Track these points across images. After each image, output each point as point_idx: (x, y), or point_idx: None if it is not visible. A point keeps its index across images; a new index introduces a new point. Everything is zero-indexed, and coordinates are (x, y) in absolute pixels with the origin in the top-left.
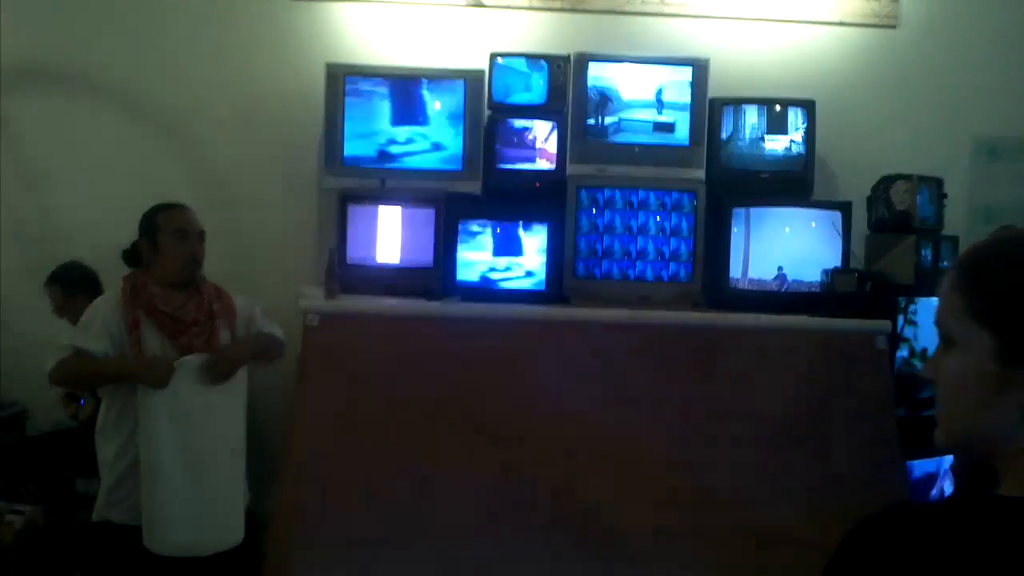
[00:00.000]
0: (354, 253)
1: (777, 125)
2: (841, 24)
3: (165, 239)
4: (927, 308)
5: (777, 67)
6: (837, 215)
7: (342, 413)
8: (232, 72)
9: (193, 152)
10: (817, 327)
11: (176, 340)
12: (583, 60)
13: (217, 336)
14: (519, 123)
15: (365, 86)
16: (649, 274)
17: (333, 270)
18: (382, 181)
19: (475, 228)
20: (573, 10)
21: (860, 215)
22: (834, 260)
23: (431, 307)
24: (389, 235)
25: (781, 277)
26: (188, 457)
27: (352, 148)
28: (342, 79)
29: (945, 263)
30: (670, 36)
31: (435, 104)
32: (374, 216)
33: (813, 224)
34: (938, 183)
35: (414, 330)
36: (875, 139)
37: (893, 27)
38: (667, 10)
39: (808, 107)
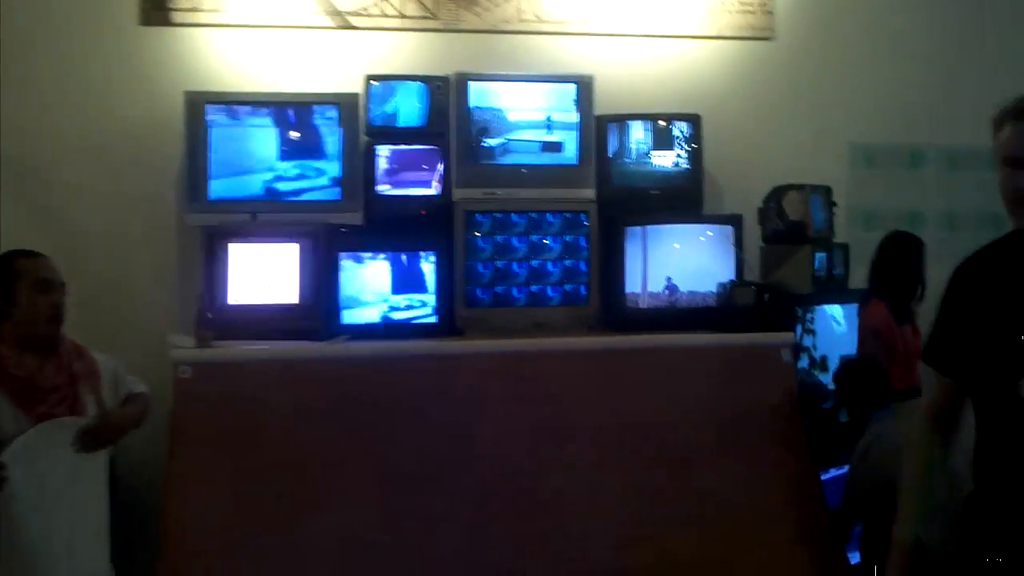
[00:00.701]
0: (227, 295)
1: (663, 141)
2: (719, 38)
3: (24, 291)
4: (823, 317)
5: (658, 83)
6: (728, 229)
7: (224, 473)
8: (82, 104)
9: (36, 188)
10: (720, 343)
11: (32, 411)
12: (463, 80)
13: (82, 403)
14: (400, 148)
15: (234, 115)
16: (544, 299)
17: (204, 315)
18: (253, 215)
19: (360, 260)
20: (448, 30)
21: (750, 227)
22: (728, 274)
23: (314, 349)
24: (262, 273)
25: (671, 288)
26: (47, 541)
27: (221, 183)
28: (202, 108)
29: (838, 271)
30: (549, 54)
31: (306, 131)
32: (245, 254)
33: (704, 239)
34: (827, 191)
35: (297, 375)
36: (757, 150)
37: (769, 39)
38: (545, 28)
39: (693, 121)
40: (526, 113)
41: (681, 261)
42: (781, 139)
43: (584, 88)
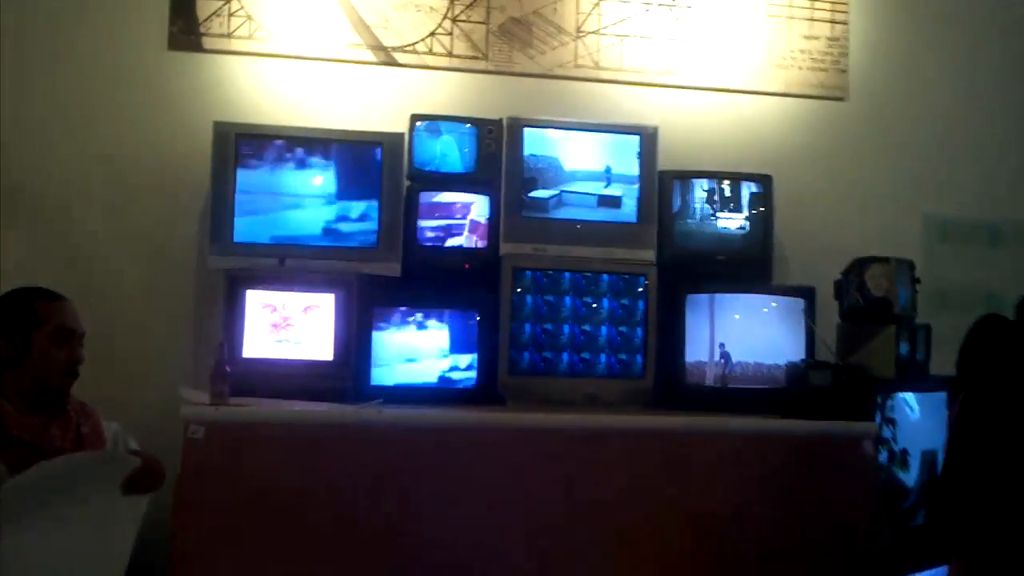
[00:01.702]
0: (248, 347)
1: (731, 202)
2: (787, 95)
3: (41, 339)
4: (904, 405)
5: (721, 139)
6: (799, 302)
7: (234, 547)
8: (105, 132)
9: (51, 221)
10: (792, 430)
11: None
12: (517, 125)
13: None
14: (445, 196)
15: (266, 150)
16: (595, 369)
17: (222, 368)
18: (281, 260)
19: (397, 316)
20: (499, 72)
21: (822, 301)
22: (796, 352)
23: (344, 413)
24: (289, 325)
25: (726, 356)
26: None
27: (247, 224)
28: (232, 140)
29: (920, 354)
30: (605, 104)
31: (346, 172)
32: (270, 303)
33: (770, 311)
34: (910, 266)
35: (323, 442)
36: (825, 217)
37: (841, 99)
38: (603, 75)
39: (764, 182)
40: (584, 163)
41: (745, 334)
42: (852, 207)
43: (648, 140)
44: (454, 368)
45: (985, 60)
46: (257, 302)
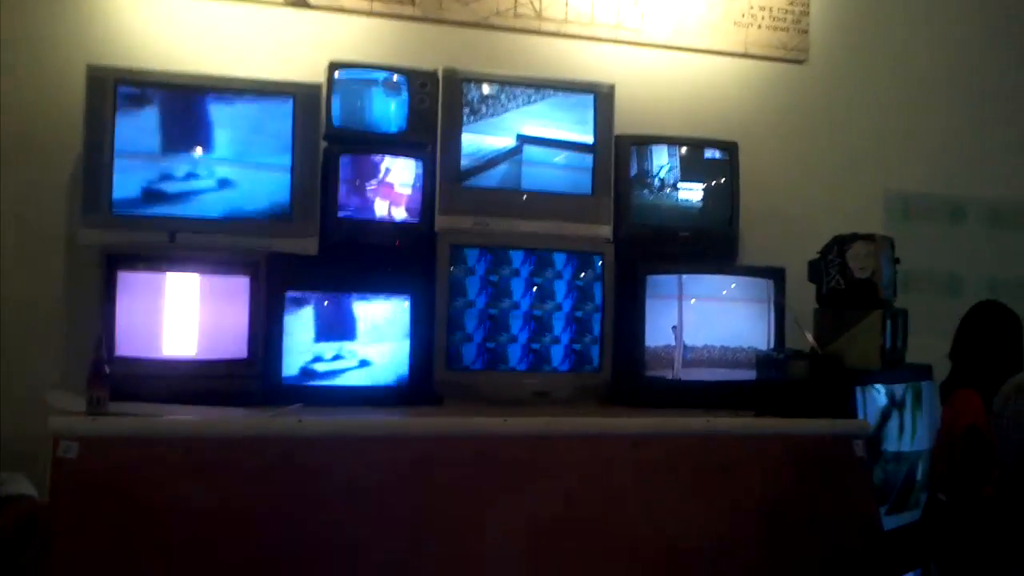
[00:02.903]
0: (132, 341)
1: (694, 170)
2: (747, 56)
3: None
4: (884, 398)
5: (673, 102)
6: (767, 283)
7: None
8: None
9: None
10: (771, 430)
11: None
12: (455, 78)
13: None
14: (369, 160)
15: (153, 99)
16: (548, 362)
17: (101, 369)
18: (171, 235)
19: (307, 302)
20: (427, 19)
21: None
22: (762, 339)
23: (247, 423)
24: (182, 315)
25: (679, 339)
26: None
27: (126, 186)
28: (111, 87)
29: (899, 343)
30: (548, 59)
31: (249, 128)
32: (159, 287)
33: (733, 295)
34: (891, 244)
35: (224, 458)
36: (785, 190)
37: (801, 62)
38: (546, 27)
39: (730, 150)
40: (531, 127)
41: (709, 320)
42: (813, 179)
43: (603, 100)
44: (382, 362)
45: (954, 24)
46: (142, 286)
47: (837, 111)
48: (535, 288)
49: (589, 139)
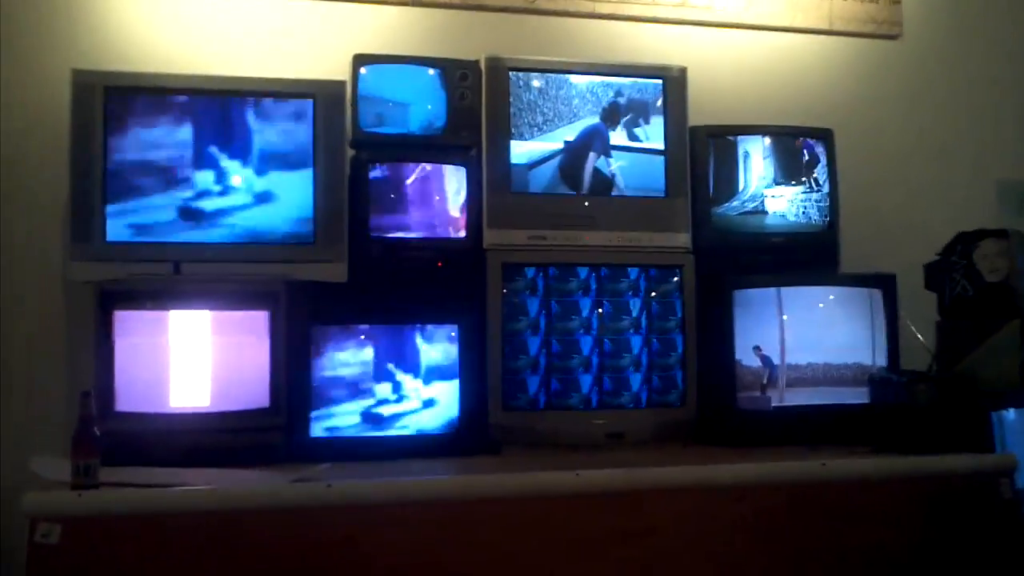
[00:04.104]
0: (131, 393)
1: (786, 165)
2: (831, 32)
3: None
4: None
5: (748, 88)
6: (874, 293)
7: None
8: None
9: None
10: (900, 471)
11: None
12: (501, 68)
13: None
14: (404, 168)
15: (151, 108)
16: (623, 397)
17: (89, 431)
18: (175, 266)
19: (337, 338)
20: (466, 7)
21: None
22: (866, 355)
23: (270, 491)
24: (191, 359)
25: (765, 360)
26: None
27: (125, 214)
28: (100, 94)
29: None
30: (606, 46)
31: (264, 136)
32: (163, 328)
33: (831, 307)
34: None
35: (241, 533)
36: (882, 183)
37: (895, 37)
38: (601, 10)
39: (825, 139)
40: (591, 119)
41: (808, 339)
42: (914, 169)
43: (674, 86)
44: (428, 404)
45: None
46: (143, 327)
47: (938, 91)
48: (603, 311)
49: (659, 130)
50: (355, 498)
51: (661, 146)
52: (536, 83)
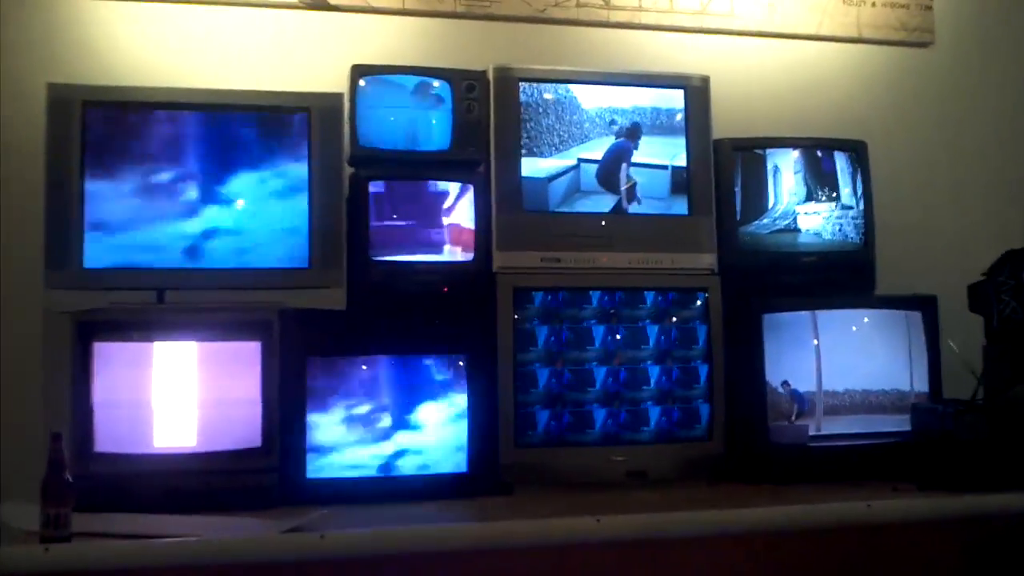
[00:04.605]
0: (110, 434)
1: (816, 178)
2: (859, 41)
3: None
4: None
5: (776, 99)
6: (913, 316)
7: None
8: None
9: None
10: (951, 512)
11: None
12: (510, 79)
13: None
14: (407, 187)
15: (133, 124)
16: (643, 431)
17: (60, 477)
18: (159, 294)
19: (335, 370)
20: (472, 16)
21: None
22: (903, 382)
23: (259, 542)
24: (177, 395)
25: (795, 394)
26: None
27: (100, 234)
28: (78, 109)
29: None
30: (621, 56)
31: (255, 153)
32: (146, 361)
33: (876, 332)
34: None
35: None
36: (916, 199)
37: (926, 44)
38: (616, 18)
39: (858, 151)
40: (607, 132)
41: (843, 366)
42: (949, 183)
43: (695, 97)
44: (434, 442)
45: None
46: (124, 360)
47: (975, 100)
48: (622, 338)
49: (680, 143)
50: (352, 550)
51: (683, 161)
52: (548, 95)
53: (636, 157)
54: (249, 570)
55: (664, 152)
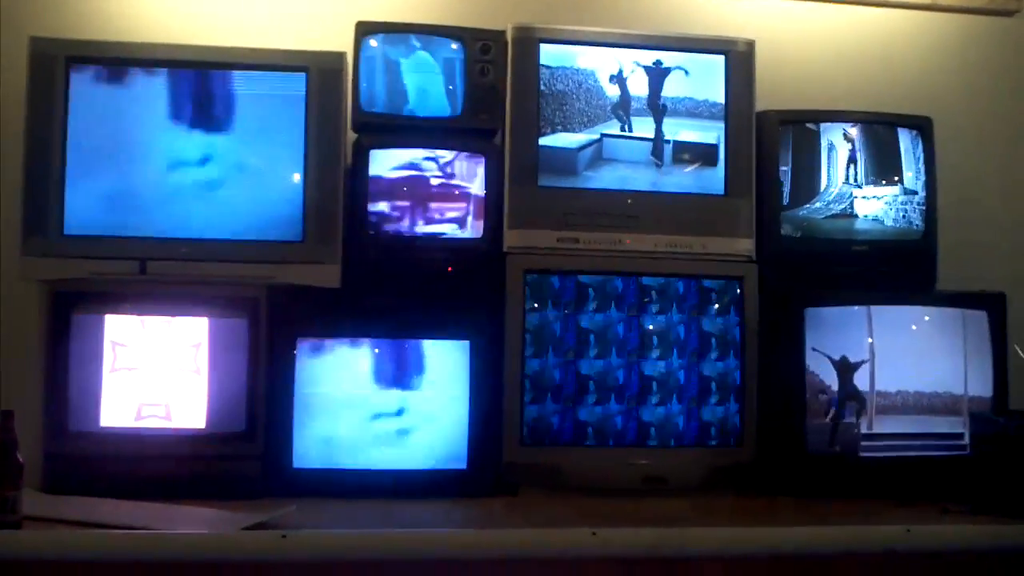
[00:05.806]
0: (84, 412)
1: (873, 158)
2: (933, 7)
3: None
4: None
5: (826, 70)
6: (975, 315)
7: None
8: None
9: None
10: (1007, 541)
11: None
12: (530, 39)
13: None
14: (412, 155)
15: (120, 80)
16: (666, 433)
17: (11, 458)
18: (141, 264)
19: (327, 353)
20: None
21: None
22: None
23: (220, 540)
24: (156, 374)
25: (830, 399)
26: None
27: (81, 198)
28: (61, 65)
29: None
30: (653, 18)
31: (247, 116)
32: (121, 336)
33: (933, 331)
34: None
35: None
36: (990, 184)
37: (1012, 13)
38: None
39: (922, 129)
40: (637, 100)
41: (896, 367)
42: (1019, 170)
43: (739, 63)
44: (431, 437)
45: None
46: (99, 335)
47: None
48: (644, 329)
49: (719, 115)
50: (316, 552)
51: (720, 135)
52: (577, 56)
53: (666, 128)
54: (203, 569)
55: (699, 125)
